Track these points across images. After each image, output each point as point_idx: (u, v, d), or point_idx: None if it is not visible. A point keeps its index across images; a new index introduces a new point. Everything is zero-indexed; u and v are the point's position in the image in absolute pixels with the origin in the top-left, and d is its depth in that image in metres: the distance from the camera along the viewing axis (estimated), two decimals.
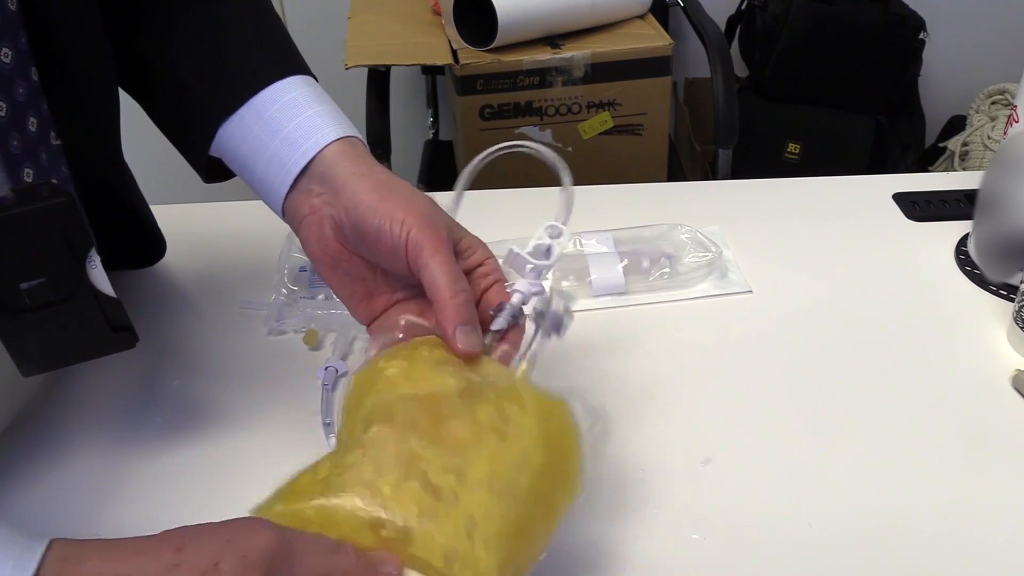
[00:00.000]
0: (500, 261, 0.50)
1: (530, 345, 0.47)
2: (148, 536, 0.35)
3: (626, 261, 0.70)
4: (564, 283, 0.70)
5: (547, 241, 0.50)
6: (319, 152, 0.49)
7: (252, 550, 0.34)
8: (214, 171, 0.55)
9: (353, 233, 0.47)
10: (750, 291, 0.69)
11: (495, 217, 0.75)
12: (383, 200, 0.46)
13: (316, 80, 0.54)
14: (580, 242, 0.73)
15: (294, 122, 0.50)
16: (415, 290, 0.49)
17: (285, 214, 0.51)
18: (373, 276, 0.49)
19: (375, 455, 0.39)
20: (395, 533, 0.37)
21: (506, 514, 0.39)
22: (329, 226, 0.48)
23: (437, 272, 0.45)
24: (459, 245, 0.48)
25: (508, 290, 0.49)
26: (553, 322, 0.47)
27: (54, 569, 0.33)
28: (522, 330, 0.48)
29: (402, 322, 0.48)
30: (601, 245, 0.72)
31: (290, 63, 0.53)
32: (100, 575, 0.33)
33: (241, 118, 0.51)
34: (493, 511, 0.38)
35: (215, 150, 0.53)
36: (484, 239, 0.50)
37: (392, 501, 0.38)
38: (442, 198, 0.51)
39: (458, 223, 0.50)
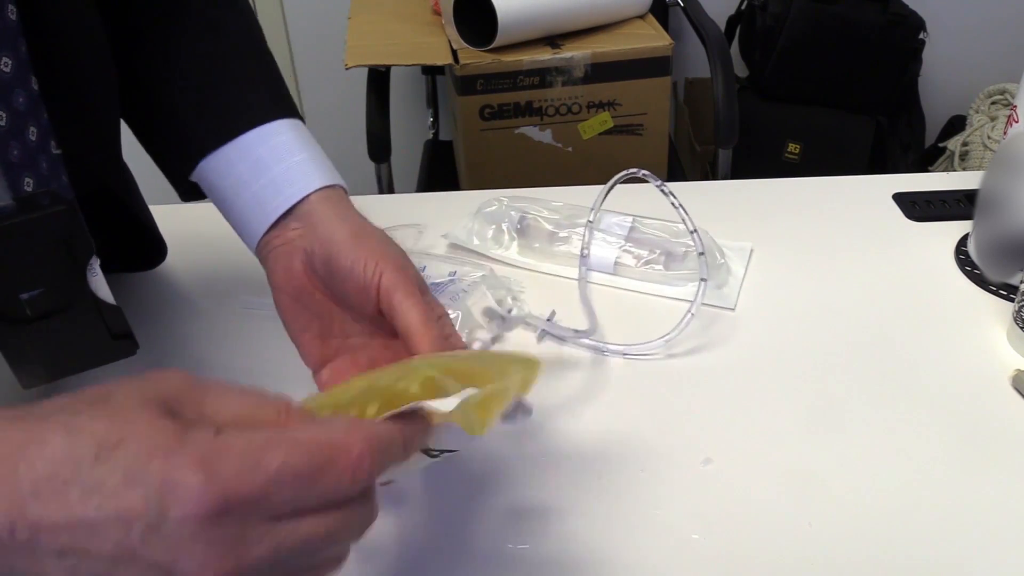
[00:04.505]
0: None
1: None
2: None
3: (627, 245, 0.71)
4: (560, 247, 0.71)
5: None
6: (302, 199, 0.49)
7: (153, 387, 0.33)
8: (193, 191, 0.56)
9: (324, 267, 0.48)
10: (732, 308, 0.67)
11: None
12: (359, 244, 0.47)
13: (304, 123, 0.55)
14: (598, 219, 0.74)
15: (281, 166, 0.50)
16: (368, 336, 0.49)
17: (258, 250, 0.51)
18: (330, 315, 0.50)
19: None
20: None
21: None
22: (299, 259, 0.49)
23: (412, 310, 0.45)
24: (424, 296, 0.48)
25: None
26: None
27: None
28: None
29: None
30: (615, 226, 0.73)
31: (283, 105, 0.54)
32: None
33: (226, 154, 0.51)
34: None
35: (195, 177, 0.54)
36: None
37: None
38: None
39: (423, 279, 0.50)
